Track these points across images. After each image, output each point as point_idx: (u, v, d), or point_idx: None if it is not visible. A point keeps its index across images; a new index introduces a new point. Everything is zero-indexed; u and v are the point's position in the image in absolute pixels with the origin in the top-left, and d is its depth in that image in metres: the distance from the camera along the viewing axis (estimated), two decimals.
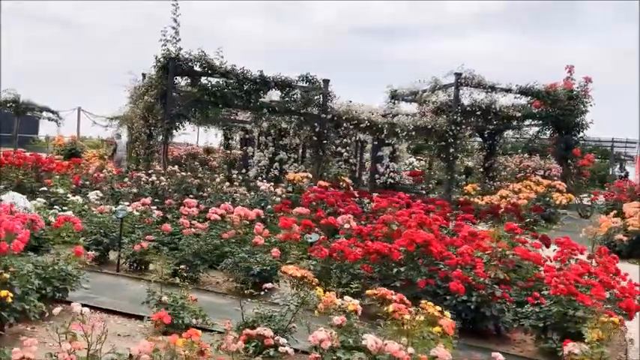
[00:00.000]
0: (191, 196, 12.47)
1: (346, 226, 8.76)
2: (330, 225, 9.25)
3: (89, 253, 6.90)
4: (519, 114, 18.33)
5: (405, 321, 4.64)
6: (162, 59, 15.86)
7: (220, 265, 8.22)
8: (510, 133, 21.56)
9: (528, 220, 13.32)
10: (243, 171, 19.29)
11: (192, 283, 8.15)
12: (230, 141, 24.45)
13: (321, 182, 14.84)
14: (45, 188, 11.52)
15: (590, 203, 18.38)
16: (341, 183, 14.99)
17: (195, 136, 33.56)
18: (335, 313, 5.27)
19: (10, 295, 5.02)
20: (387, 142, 19.67)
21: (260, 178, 17.83)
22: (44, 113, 28.09)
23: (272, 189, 12.88)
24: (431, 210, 10.54)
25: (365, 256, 7.09)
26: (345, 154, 19.75)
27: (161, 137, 16.31)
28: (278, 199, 12.24)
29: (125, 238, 8.66)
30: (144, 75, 21.89)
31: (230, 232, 8.57)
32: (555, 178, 20.39)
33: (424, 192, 20.31)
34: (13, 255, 5.55)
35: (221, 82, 16.06)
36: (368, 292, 5.36)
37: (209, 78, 16.19)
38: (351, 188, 15.29)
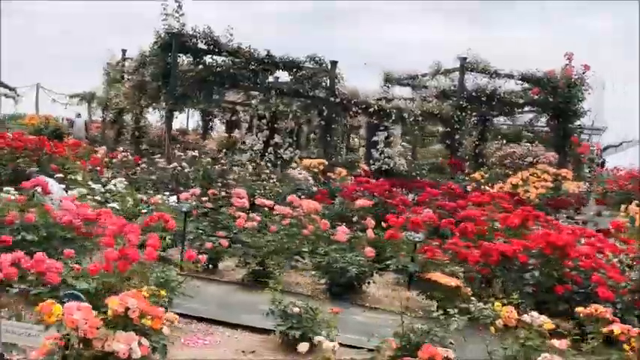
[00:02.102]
0: (218, 183, 11.62)
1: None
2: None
3: (201, 256, 6.04)
4: (522, 100, 18.12)
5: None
6: (164, 35, 14.70)
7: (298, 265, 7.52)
8: (502, 120, 21.41)
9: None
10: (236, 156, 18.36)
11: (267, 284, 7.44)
12: (210, 123, 23.38)
13: (339, 169, 14.20)
14: (60, 175, 10.37)
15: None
16: (359, 170, 14.35)
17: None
18: (520, 330, 4.69)
19: None
20: (382, 127, 19.13)
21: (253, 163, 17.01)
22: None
23: (301, 175, 12.09)
24: (485, 202, 10.04)
25: (485, 258, 6.52)
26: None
27: (162, 119, 15.23)
28: (315, 188, 11.49)
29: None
30: (124, 51, 20.64)
31: (310, 228, 7.82)
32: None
33: (419, 178, 19.87)
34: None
35: (227, 61, 15.07)
36: (579, 309, 4.78)
37: (214, 57, 15.18)
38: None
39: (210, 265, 7.75)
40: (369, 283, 7.30)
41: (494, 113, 18.69)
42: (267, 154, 18.50)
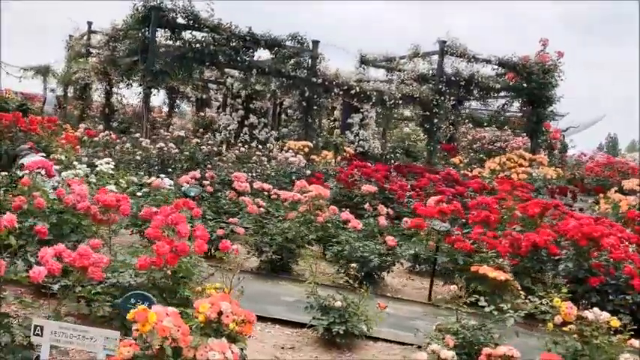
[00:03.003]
0: (209, 166, 11.19)
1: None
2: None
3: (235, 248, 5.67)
4: (498, 85, 18.15)
5: None
6: (141, 7, 14.03)
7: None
8: (474, 104, 21.45)
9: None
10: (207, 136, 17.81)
11: (287, 274, 7.15)
12: (177, 101, 22.63)
13: (325, 152, 13.92)
14: (42, 155, 9.74)
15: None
16: (344, 153, 14.08)
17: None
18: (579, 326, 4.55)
19: None
20: (359, 109, 18.90)
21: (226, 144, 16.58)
22: None
23: (295, 159, 11.74)
24: (486, 189, 9.96)
25: (514, 248, 6.39)
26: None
27: (138, 95, 14.60)
28: (308, 171, 11.18)
29: None
30: (89, 24, 19.68)
31: (324, 215, 7.54)
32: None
33: (393, 162, 19.78)
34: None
35: (208, 38, 14.51)
36: None
37: (193, 32, 14.58)
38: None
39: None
40: (388, 272, 7.08)
41: (471, 98, 18.66)
42: (242, 134, 18.16)
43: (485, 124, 20.84)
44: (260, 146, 15.60)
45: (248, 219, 7.72)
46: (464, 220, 7.85)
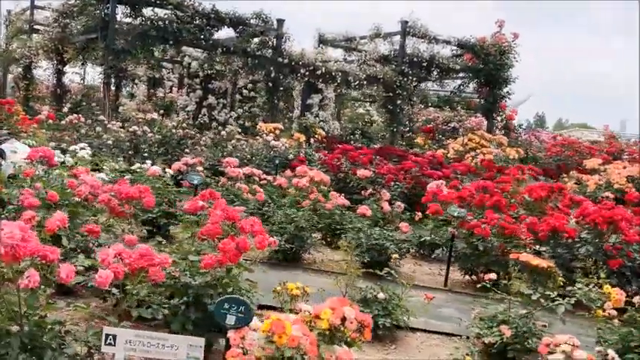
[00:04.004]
0: (186, 151, 10.77)
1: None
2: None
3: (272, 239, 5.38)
4: (458, 67, 18.30)
5: None
6: None
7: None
8: (428, 85, 21.58)
9: None
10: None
11: (299, 263, 6.95)
12: (124, 81, 21.70)
13: (297, 134, 13.67)
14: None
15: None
16: (316, 135, 13.84)
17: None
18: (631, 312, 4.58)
19: None
20: (318, 90, 18.65)
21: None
22: None
23: (278, 142, 11.42)
24: (472, 172, 9.99)
25: (532, 233, 6.40)
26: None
27: (100, 77, 13.89)
28: (291, 155, 10.90)
29: None
30: None
31: (332, 201, 7.35)
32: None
33: (353, 143, 19.71)
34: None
35: (171, 15, 13.91)
36: None
37: (155, 9, 13.95)
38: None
39: None
40: (401, 258, 6.98)
41: (431, 79, 18.75)
42: (200, 116, 17.62)
43: (440, 104, 21.01)
44: (220, 128, 15.21)
45: (249, 207, 7.44)
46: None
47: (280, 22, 15.36)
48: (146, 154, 10.21)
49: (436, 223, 7.53)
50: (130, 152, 10.42)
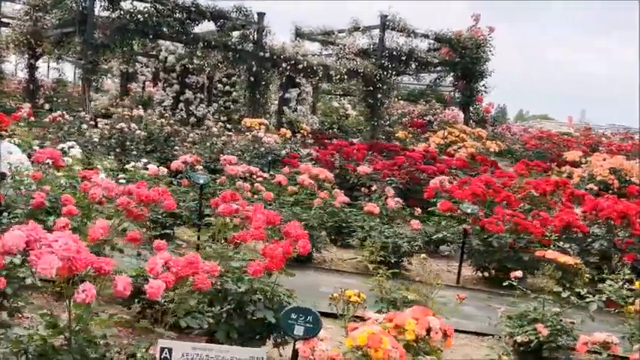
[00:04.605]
0: (176, 148, 10.52)
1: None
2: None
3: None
4: (436, 60, 18.34)
5: None
6: None
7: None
8: (407, 79, 21.59)
9: None
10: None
11: (309, 263, 6.83)
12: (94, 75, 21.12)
13: (283, 130, 13.49)
14: None
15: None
16: (301, 130, 13.67)
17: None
18: None
19: None
20: (296, 84, 18.49)
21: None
22: None
23: (269, 137, 11.22)
24: (465, 166, 10.01)
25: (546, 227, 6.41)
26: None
27: (77, 72, 13.46)
28: (284, 151, 10.73)
29: None
30: None
31: (338, 199, 7.24)
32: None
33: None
34: None
35: (150, 9, 13.56)
36: None
37: (134, 2, 13.59)
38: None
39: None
40: (412, 256, 6.93)
41: (410, 72, 18.75)
42: (177, 110, 17.27)
43: (410, 98, 21.10)
44: (200, 123, 14.93)
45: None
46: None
47: (261, 15, 15.14)
48: (135, 152, 9.93)
49: (441, 219, 7.49)
50: (117, 150, 10.11)
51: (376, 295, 5.08)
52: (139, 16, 13.40)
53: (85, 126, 10.47)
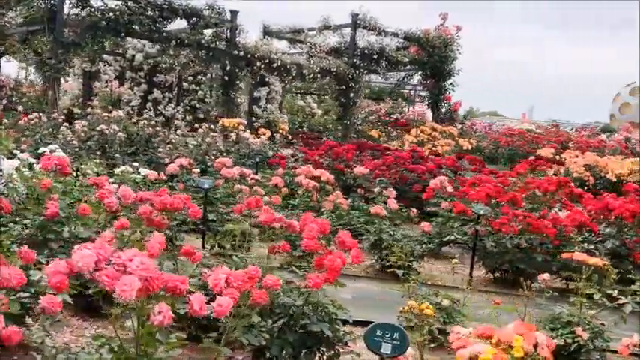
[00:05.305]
0: (160, 150, 10.20)
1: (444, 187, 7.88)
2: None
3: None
4: (406, 59, 18.39)
5: None
6: None
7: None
8: (373, 77, 21.58)
9: None
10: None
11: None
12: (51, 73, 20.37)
13: (261, 129, 13.28)
14: None
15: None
16: (280, 130, 13.47)
17: None
18: None
19: None
20: (265, 82, 18.24)
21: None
22: None
23: (257, 140, 10.99)
24: (452, 165, 10.02)
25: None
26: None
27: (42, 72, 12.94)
28: (270, 152, 10.52)
29: None
30: None
31: (346, 202, 7.11)
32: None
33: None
34: None
35: (121, 6, 13.14)
36: None
37: (104, 0, 13.15)
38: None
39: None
40: (422, 259, 6.86)
41: (380, 71, 18.73)
42: (145, 110, 16.81)
43: (373, 96, 21.13)
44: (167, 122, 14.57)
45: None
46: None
47: (234, 13, 14.87)
48: (117, 155, 9.58)
49: (444, 220, 7.46)
50: (97, 153, 9.73)
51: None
52: (111, 13, 12.98)
53: (63, 128, 10.03)
